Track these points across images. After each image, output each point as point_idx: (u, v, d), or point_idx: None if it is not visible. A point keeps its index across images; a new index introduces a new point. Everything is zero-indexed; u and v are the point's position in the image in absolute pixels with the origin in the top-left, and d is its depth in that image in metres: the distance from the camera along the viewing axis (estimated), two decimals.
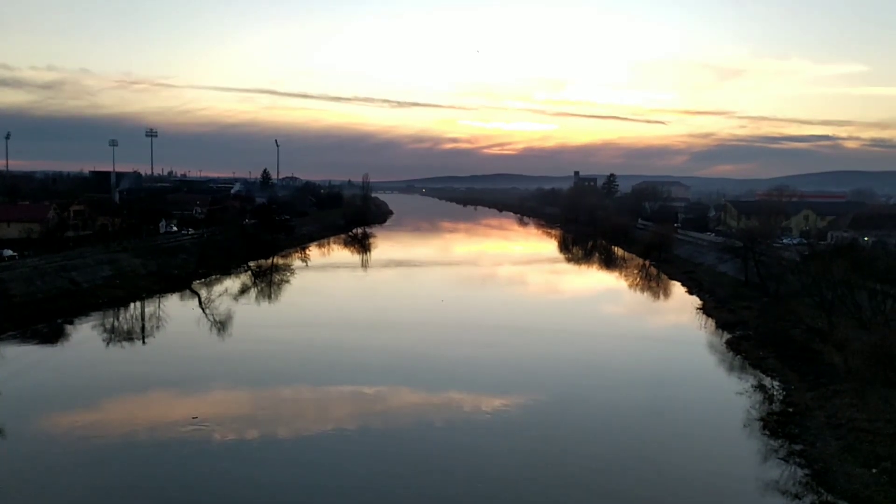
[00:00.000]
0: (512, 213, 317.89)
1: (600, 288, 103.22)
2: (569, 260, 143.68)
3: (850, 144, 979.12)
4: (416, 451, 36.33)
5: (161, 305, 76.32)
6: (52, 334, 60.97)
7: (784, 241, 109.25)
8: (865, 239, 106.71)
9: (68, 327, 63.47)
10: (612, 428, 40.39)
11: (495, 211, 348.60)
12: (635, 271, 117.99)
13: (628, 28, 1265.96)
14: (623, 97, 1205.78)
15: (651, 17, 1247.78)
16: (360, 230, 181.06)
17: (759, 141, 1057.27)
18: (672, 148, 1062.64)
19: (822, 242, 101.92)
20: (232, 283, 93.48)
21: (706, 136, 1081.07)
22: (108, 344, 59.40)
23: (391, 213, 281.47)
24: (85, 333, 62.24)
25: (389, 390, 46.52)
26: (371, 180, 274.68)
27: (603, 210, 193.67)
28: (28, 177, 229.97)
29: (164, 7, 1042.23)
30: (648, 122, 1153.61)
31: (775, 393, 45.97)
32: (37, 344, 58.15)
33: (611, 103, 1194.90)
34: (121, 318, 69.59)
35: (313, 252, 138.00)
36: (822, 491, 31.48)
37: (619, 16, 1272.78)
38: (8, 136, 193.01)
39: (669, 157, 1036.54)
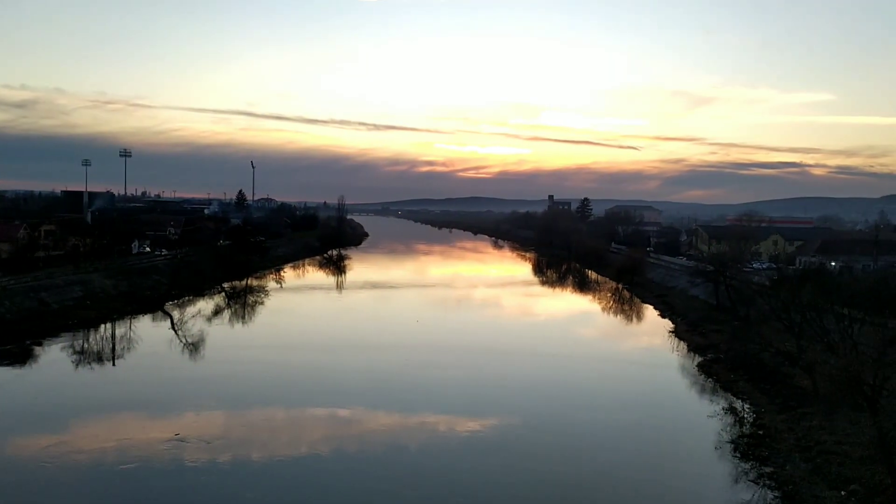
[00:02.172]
0: (487, 236, 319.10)
1: (574, 311, 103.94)
2: (543, 283, 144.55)
3: (817, 171, 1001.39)
4: (391, 472, 36.17)
5: (133, 327, 75.29)
6: (21, 356, 59.69)
7: (754, 265, 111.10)
8: (833, 264, 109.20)
9: (37, 349, 62.25)
10: (585, 449, 40.62)
11: (470, 234, 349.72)
12: (609, 294, 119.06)
13: (602, 56, 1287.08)
14: (596, 123, 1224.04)
15: (625, 46, 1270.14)
16: (335, 252, 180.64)
17: (728, 167, 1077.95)
18: (644, 173, 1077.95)
19: (790, 267, 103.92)
20: (205, 305, 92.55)
21: (677, 161, 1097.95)
22: (77, 365, 58.41)
23: (367, 235, 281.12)
24: (54, 355, 61.16)
25: (364, 412, 46.35)
26: (347, 202, 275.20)
27: (577, 234, 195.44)
28: None
29: (139, 27, 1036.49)
30: (621, 147, 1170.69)
31: (746, 416, 46.59)
32: (5, 365, 56.94)
33: (585, 129, 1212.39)
34: (91, 340, 68.51)
35: (288, 273, 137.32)
36: None
37: (593, 44, 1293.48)
38: None
39: (642, 181, 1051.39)
